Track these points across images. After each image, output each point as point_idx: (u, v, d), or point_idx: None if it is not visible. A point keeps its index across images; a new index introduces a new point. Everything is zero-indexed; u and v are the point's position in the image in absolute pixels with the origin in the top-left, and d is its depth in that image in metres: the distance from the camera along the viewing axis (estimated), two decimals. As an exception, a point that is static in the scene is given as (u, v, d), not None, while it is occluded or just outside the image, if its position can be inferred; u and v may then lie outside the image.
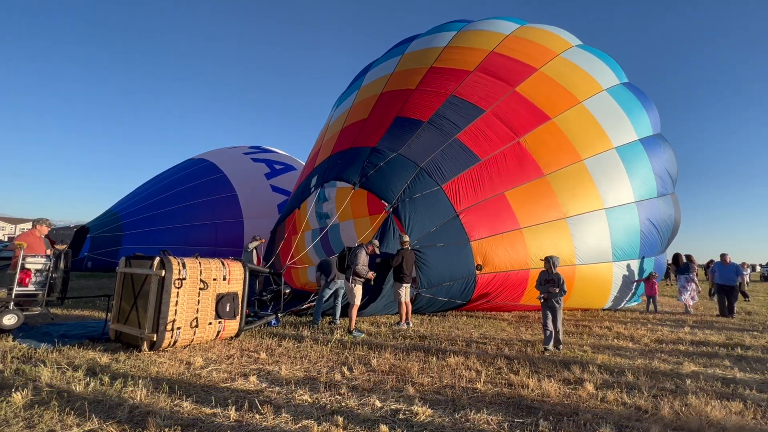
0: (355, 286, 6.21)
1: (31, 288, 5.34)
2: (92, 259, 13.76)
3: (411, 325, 6.65)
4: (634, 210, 8.49)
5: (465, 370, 4.36)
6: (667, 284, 22.28)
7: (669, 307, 11.23)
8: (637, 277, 8.91)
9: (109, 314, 5.26)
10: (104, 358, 4.26)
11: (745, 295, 13.25)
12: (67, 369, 3.85)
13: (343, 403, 3.32)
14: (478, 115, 8.24)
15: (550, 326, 5.37)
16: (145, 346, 4.52)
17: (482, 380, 3.99)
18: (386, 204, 7.42)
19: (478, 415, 3.18)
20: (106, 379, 3.63)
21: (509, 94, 8.48)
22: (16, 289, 5.23)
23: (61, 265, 5.52)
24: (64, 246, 5.78)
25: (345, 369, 4.23)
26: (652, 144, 9.14)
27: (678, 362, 4.99)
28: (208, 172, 15.73)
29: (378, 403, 3.33)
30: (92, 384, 3.45)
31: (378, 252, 6.68)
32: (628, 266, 8.65)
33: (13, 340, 4.81)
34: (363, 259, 6.29)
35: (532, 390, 3.78)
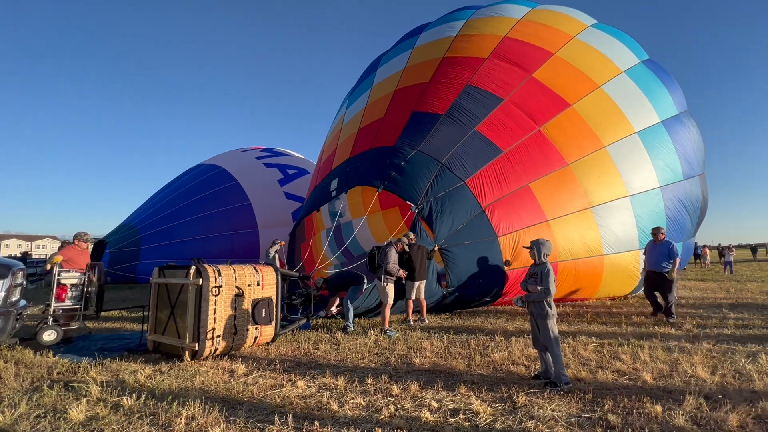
0: (387, 284, 6.13)
1: (68, 303, 5.35)
2: (111, 274, 14.00)
3: (411, 323, 6.52)
4: (659, 195, 8.27)
5: (512, 365, 4.26)
6: (700, 266, 22.68)
7: (699, 290, 11.02)
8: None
9: (145, 325, 5.25)
10: (147, 370, 4.23)
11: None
12: (115, 383, 3.83)
13: (398, 405, 3.24)
14: (497, 105, 8.09)
15: (546, 355, 3.60)
16: (187, 355, 4.49)
17: (533, 375, 3.88)
18: (411, 205, 7.31)
19: (542, 411, 3.08)
20: (156, 391, 3.60)
21: (527, 80, 8.31)
22: (54, 305, 5.25)
23: (95, 279, 5.52)
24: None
25: (390, 370, 4.16)
26: (675, 125, 8.90)
27: (729, 347, 4.82)
28: (221, 180, 15.61)
29: (434, 404, 3.24)
30: (142, 397, 3.41)
31: (407, 249, 6.56)
32: None
33: (54, 355, 4.82)
34: (393, 257, 6.19)
35: (587, 383, 3.66)
